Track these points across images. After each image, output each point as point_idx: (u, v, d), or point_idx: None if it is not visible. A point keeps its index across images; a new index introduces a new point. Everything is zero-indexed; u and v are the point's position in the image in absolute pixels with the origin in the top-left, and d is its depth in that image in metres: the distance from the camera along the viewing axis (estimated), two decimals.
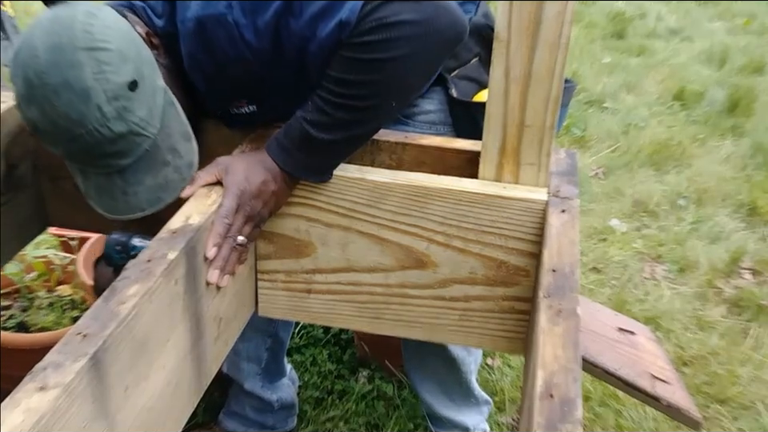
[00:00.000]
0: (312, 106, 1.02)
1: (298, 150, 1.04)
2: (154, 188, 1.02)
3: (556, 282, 0.88)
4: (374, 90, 1.00)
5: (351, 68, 0.98)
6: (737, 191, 2.94)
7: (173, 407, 0.95)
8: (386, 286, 1.14)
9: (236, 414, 1.71)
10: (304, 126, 1.02)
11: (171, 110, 1.03)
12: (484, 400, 1.69)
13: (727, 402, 1.93)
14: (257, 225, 1.07)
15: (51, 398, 0.70)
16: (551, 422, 0.70)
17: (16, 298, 1.89)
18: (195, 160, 1.06)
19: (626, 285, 2.39)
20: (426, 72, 1.06)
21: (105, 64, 0.92)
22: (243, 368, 1.63)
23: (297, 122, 1.03)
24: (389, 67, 0.97)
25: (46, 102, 0.92)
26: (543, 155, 1.05)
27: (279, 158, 1.05)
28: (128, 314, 0.80)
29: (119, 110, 0.94)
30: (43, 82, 0.91)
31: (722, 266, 2.47)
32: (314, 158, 1.05)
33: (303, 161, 1.05)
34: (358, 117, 1.02)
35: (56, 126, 0.94)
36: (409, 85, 1.04)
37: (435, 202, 1.06)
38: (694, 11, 5.41)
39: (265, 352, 1.62)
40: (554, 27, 0.96)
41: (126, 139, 0.97)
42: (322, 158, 1.06)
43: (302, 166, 1.06)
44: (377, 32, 0.95)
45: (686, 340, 2.14)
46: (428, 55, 1.00)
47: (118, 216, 1.05)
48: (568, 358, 0.77)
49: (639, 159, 3.17)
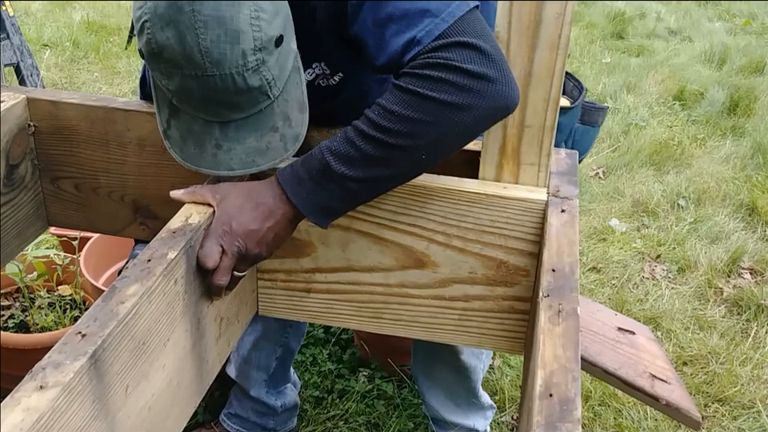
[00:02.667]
0: (340, 137, 0.95)
1: (310, 179, 0.95)
2: (252, 150, 0.97)
3: (556, 282, 0.88)
4: (412, 130, 0.91)
5: (400, 99, 0.91)
6: (737, 191, 2.94)
7: (173, 407, 0.95)
8: (386, 286, 1.14)
9: (238, 416, 1.71)
10: (325, 156, 0.94)
11: (296, 76, 0.99)
12: (489, 404, 1.69)
13: (727, 402, 1.93)
14: (252, 262, 0.99)
15: (51, 397, 0.70)
16: (551, 421, 0.70)
17: (16, 297, 1.89)
18: (303, 133, 1.01)
19: (625, 284, 2.39)
20: (466, 133, 0.95)
21: (262, 11, 0.89)
22: (252, 376, 1.63)
23: (318, 151, 0.95)
24: (438, 111, 0.90)
25: (190, 31, 0.87)
26: (543, 155, 1.06)
27: (289, 185, 0.96)
28: (128, 314, 0.80)
29: (259, 62, 0.90)
30: (195, 10, 0.86)
31: (722, 266, 2.48)
32: (325, 194, 0.95)
33: (313, 193, 0.95)
34: (384, 155, 0.93)
35: (189, 59, 0.88)
36: (447, 139, 0.94)
37: (435, 201, 1.06)
38: (693, 11, 5.41)
39: (274, 361, 1.62)
40: (553, 27, 0.97)
41: (252, 94, 0.93)
42: (333, 196, 0.96)
43: (310, 200, 0.96)
44: (440, 69, 0.89)
45: (685, 340, 2.14)
46: (478, 116, 0.92)
47: (195, 167, 0.99)
48: (568, 357, 0.77)
49: (639, 159, 3.17)
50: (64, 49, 4.29)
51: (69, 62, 4.15)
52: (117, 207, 1.31)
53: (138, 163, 1.26)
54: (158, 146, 1.24)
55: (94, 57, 4.24)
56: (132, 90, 3.84)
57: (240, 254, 0.96)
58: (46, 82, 3.69)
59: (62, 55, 4.20)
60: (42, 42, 4.36)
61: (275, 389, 1.68)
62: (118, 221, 1.33)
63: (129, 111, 1.22)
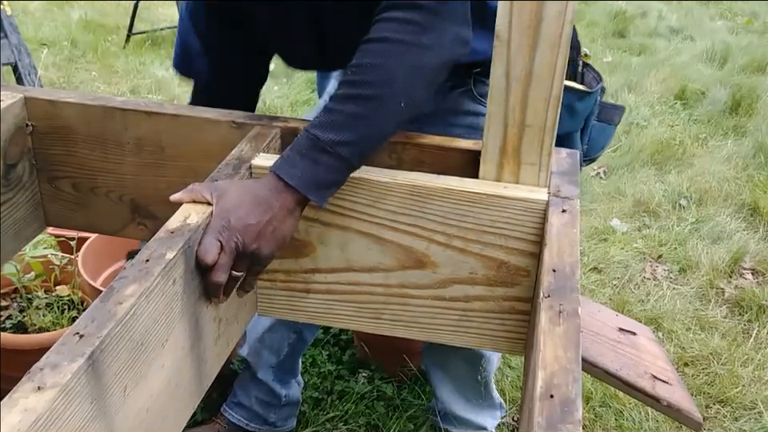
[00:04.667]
0: (319, 113, 1.00)
1: (302, 158, 0.98)
2: None
3: (557, 282, 0.88)
4: (384, 76, 0.98)
5: (368, 51, 0.99)
6: (738, 191, 2.93)
7: (172, 408, 0.94)
8: (386, 286, 1.14)
9: (241, 404, 1.71)
10: (311, 132, 0.98)
11: None
12: (499, 403, 1.69)
13: (728, 403, 1.93)
14: (254, 262, 0.99)
15: (48, 398, 0.69)
16: (551, 422, 0.69)
17: (14, 298, 1.89)
18: None
19: (626, 285, 2.39)
20: (429, 77, 1.02)
21: None
22: (263, 355, 1.63)
23: (303, 132, 0.99)
24: (400, 51, 0.98)
25: None
26: (544, 155, 1.05)
27: (283, 171, 0.98)
28: (126, 314, 0.80)
29: None
30: None
31: (723, 266, 2.47)
32: (320, 168, 0.98)
33: (308, 171, 0.98)
34: (365, 110, 0.98)
35: None
36: (418, 82, 1.00)
37: (435, 201, 1.06)
38: (695, 10, 5.41)
39: (287, 347, 1.62)
40: (554, 26, 0.96)
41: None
42: (328, 168, 0.98)
43: (306, 178, 0.98)
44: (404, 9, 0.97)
45: (686, 340, 2.14)
46: (437, 56, 1.00)
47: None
48: (568, 358, 0.77)
49: (640, 159, 3.16)
50: (62, 48, 4.29)
51: (67, 61, 4.15)
52: (115, 207, 1.31)
53: (136, 163, 1.25)
54: (156, 146, 1.24)
55: (92, 56, 4.24)
56: (130, 89, 3.83)
57: (238, 251, 0.96)
58: (44, 81, 3.69)
59: (60, 54, 4.20)
60: (39, 40, 4.36)
61: (282, 378, 1.68)
62: (116, 221, 1.32)
63: (127, 110, 1.22)
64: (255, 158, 1.10)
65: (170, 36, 4.57)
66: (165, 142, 1.23)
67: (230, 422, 1.72)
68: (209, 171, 1.07)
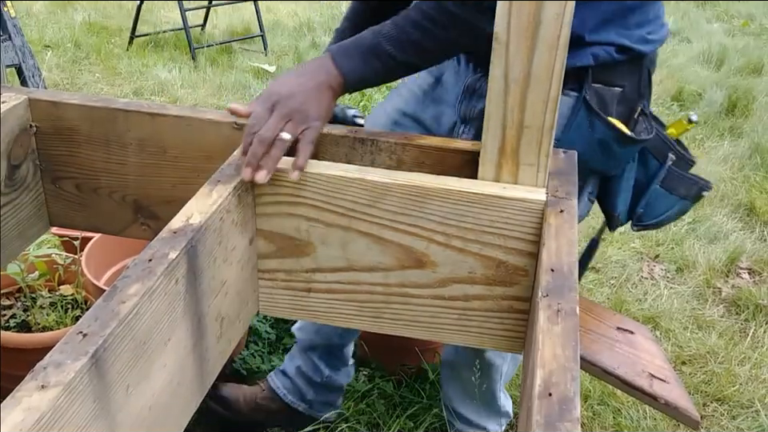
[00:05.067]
0: (390, 24, 1.09)
1: (359, 54, 1.08)
2: None
3: (555, 282, 0.89)
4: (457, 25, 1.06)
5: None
6: (735, 192, 2.94)
7: (174, 407, 0.95)
8: (386, 286, 1.15)
9: (285, 373, 1.72)
10: (377, 37, 1.08)
11: None
12: (505, 411, 1.68)
13: (725, 401, 1.94)
14: (301, 122, 1.05)
15: (51, 396, 0.70)
16: (550, 420, 0.70)
17: (18, 297, 1.90)
18: None
19: (624, 284, 2.40)
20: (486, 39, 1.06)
21: None
22: (310, 334, 1.64)
23: (370, 33, 1.10)
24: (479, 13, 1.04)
25: None
26: (542, 156, 1.06)
27: (338, 55, 1.08)
28: (128, 313, 0.81)
29: None
30: None
31: (720, 266, 2.48)
32: (369, 68, 1.09)
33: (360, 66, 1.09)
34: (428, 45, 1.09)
35: None
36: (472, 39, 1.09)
37: (435, 201, 1.07)
38: (692, 12, 5.42)
39: (335, 334, 1.63)
40: (553, 28, 0.97)
41: None
42: (376, 70, 1.10)
43: (356, 70, 1.09)
44: None
45: (684, 339, 2.15)
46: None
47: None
48: (567, 357, 0.77)
49: None
50: (65, 50, 4.30)
51: (70, 62, 4.16)
52: (118, 207, 1.31)
53: (138, 164, 1.26)
54: (158, 147, 1.25)
55: (95, 58, 4.25)
56: (133, 91, 3.84)
57: (284, 112, 1.04)
58: (48, 82, 3.70)
59: (64, 56, 4.21)
60: (43, 42, 4.37)
61: (328, 360, 1.68)
62: (119, 221, 1.33)
63: (129, 112, 1.23)
64: None
65: (172, 38, 4.57)
66: (167, 143, 1.24)
67: (270, 387, 1.72)
68: (211, 172, 1.08)
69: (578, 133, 1.23)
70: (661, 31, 1.28)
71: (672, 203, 1.37)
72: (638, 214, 1.37)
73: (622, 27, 1.22)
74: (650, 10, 1.25)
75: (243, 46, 4.63)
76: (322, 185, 1.09)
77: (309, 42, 4.74)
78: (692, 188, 1.37)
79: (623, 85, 1.25)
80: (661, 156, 1.33)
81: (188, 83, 3.93)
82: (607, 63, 1.22)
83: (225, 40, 4.63)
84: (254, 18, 4.68)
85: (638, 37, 1.23)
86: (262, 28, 4.57)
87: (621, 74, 1.24)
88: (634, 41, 1.22)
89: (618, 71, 1.24)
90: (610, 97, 1.24)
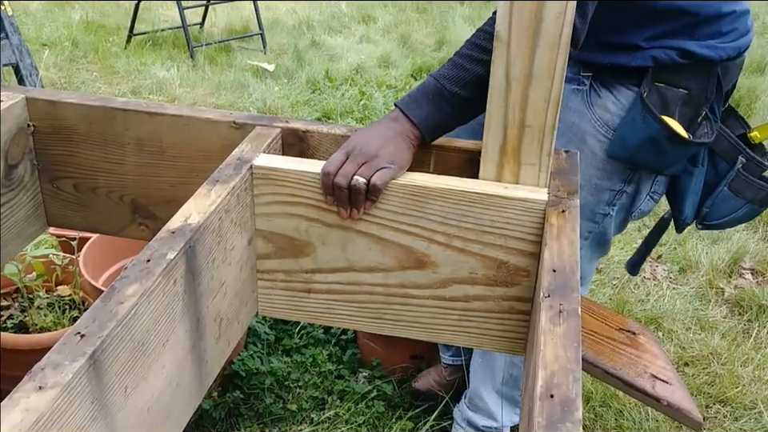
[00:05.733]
0: (448, 65, 1.11)
1: (428, 102, 1.10)
2: None
3: (556, 282, 0.88)
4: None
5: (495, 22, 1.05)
6: None
7: (173, 408, 0.95)
8: (386, 286, 1.14)
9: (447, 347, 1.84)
10: (440, 82, 1.10)
11: None
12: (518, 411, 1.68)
13: (728, 402, 1.93)
14: (376, 166, 1.07)
15: (50, 397, 0.70)
16: (552, 422, 0.70)
17: (15, 298, 1.89)
18: None
19: (626, 285, 2.39)
20: None
21: None
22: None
23: (431, 79, 1.11)
24: None
25: None
26: (544, 155, 1.05)
27: (408, 108, 1.11)
28: (127, 314, 0.80)
29: None
30: None
31: (723, 267, 2.47)
32: (440, 113, 1.10)
33: (431, 113, 1.10)
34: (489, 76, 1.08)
35: None
36: None
37: (435, 201, 1.06)
38: None
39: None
40: (554, 27, 0.96)
41: None
42: (448, 114, 1.11)
43: (428, 118, 1.10)
44: None
45: (686, 340, 2.14)
46: None
47: None
48: (569, 358, 0.77)
49: None
50: (63, 48, 4.30)
51: (68, 61, 4.16)
52: (116, 207, 1.31)
53: (136, 163, 1.26)
54: (157, 146, 1.24)
55: (92, 56, 4.24)
56: (131, 90, 3.84)
57: (359, 158, 1.07)
58: (45, 81, 3.70)
59: (61, 55, 4.21)
60: (40, 41, 4.37)
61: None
62: (116, 221, 1.32)
63: (127, 111, 1.22)
64: (256, 158, 1.10)
65: (170, 36, 4.57)
66: (166, 143, 1.23)
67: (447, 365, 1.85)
68: (210, 171, 1.08)
69: (631, 126, 1.27)
70: (739, 41, 1.29)
71: (738, 206, 1.39)
72: (702, 213, 1.39)
73: (690, 38, 1.24)
74: (723, 24, 1.27)
75: (242, 45, 4.62)
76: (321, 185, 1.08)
77: (308, 40, 4.74)
78: (759, 192, 1.37)
79: (689, 87, 1.27)
80: (730, 158, 1.36)
81: (186, 82, 3.93)
82: (668, 65, 1.24)
83: (223, 38, 4.63)
84: (252, 17, 4.68)
85: (706, 43, 1.25)
86: (260, 26, 4.57)
87: (686, 76, 1.26)
88: (700, 47, 1.24)
89: (684, 74, 1.26)
90: (672, 97, 1.26)
